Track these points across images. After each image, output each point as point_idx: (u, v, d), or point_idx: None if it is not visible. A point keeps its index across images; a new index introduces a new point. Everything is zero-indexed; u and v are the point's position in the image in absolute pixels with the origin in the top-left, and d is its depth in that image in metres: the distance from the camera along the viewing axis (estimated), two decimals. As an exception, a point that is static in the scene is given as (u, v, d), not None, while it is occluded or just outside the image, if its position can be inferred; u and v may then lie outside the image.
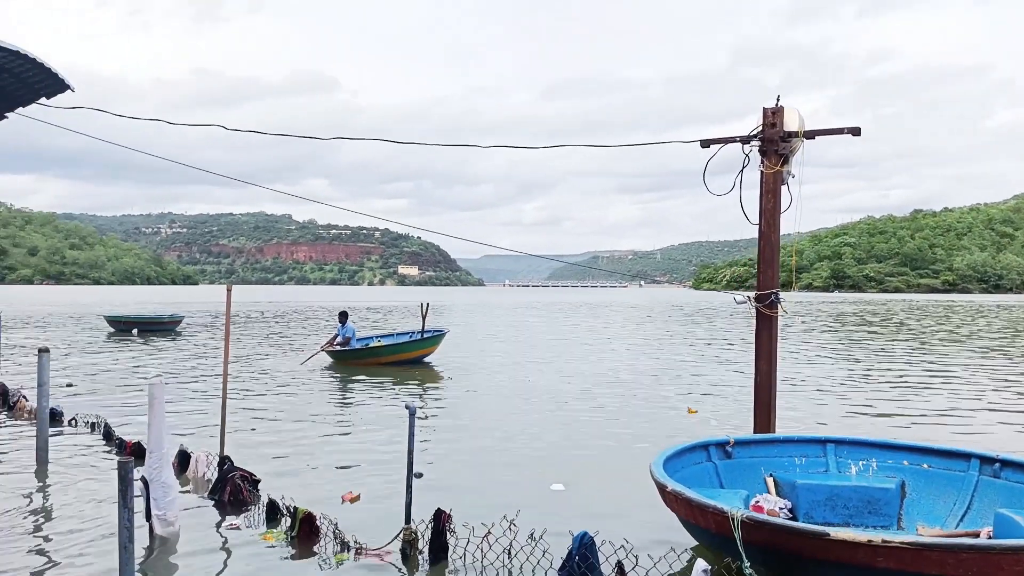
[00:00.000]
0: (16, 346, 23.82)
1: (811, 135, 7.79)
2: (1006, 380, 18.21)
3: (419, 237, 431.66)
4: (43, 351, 9.13)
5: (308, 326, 38.41)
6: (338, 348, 20.18)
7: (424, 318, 20.89)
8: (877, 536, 4.79)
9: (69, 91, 7.30)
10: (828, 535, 4.81)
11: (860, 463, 7.27)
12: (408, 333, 22.79)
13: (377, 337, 22.67)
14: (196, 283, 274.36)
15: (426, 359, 21.02)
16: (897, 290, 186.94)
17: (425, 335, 20.96)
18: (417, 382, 17.23)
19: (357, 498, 7.65)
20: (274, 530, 6.64)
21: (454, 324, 40.78)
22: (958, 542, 4.79)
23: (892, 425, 12.06)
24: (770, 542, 5.12)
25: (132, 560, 3.90)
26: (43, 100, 7.51)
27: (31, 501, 7.57)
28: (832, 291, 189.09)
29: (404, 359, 20.34)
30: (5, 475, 8.51)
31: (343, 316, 21.00)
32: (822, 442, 7.47)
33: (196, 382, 16.35)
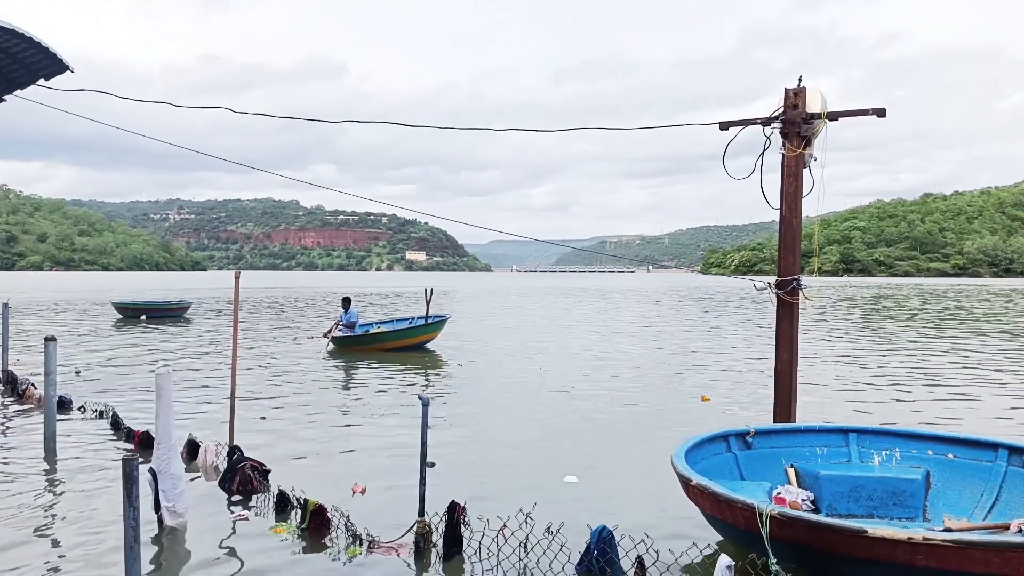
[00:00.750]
0: (26, 333, 23.81)
1: (834, 116, 7.56)
2: None
3: (426, 223, 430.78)
4: (50, 339, 9.01)
5: (316, 312, 38.34)
6: (342, 334, 20.12)
7: (428, 303, 20.86)
8: (918, 534, 4.59)
9: (68, 72, 7.09)
10: (866, 532, 4.62)
11: (883, 453, 7.08)
12: (408, 319, 22.88)
13: (377, 323, 22.65)
14: (205, 269, 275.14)
15: (430, 345, 21.07)
16: (907, 274, 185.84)
17: (429, 320, 20.93)
18: (426, 370, 17.11)
19: (364, 491, 7.53)
20: (284, 523, 6.51)
21: (462, 310, 40.68)
22: (1004, 540, 4.59)
23: (915, 413, 11.85)
24: (802, 539, 4.95)
25: (139, 560, 3.75)
26: (42, 82, 7.30)
27: (38, 491, 7.47)
28: (841, 275, 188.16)
29: (407, 344, 20.33)
30: (13, 464, 8.43)
31: (346, 302, 20.98)
32: (844, 432, 7.28)
33: (204, 369, 16.27)
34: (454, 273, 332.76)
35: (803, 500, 6.52)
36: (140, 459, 4.23)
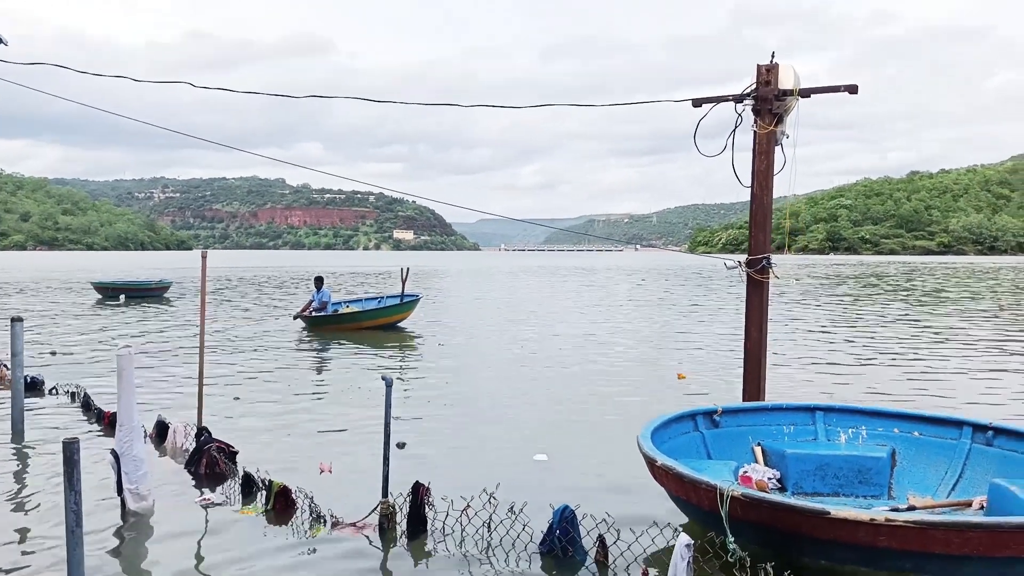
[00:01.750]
0: (3, 312, 23.57)
1: (806, 93, 7.49)
2: (999, 345, 18.11)
3: (414, 201, 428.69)
4: (16, 320, 8.91)
5: (303, 291, 38.16)
6: (314, 314, 20.05)
7: (404, 283, 20.82)
8: (880, 515, 4.58)
9: (2, 45, 6.89)
10: (828, 513, 4.62)
11: (849, 431, 7.10)
12: (377, 299, 22.90)
13: (345, 302, 22.56)
14: (190, 248, 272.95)
15: (408, 324, 21.12)
16: (892, 252, 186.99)
17: (403, 300, 20.94)
18: (405, 350, 17.08)
19: (331, 469, 7.50)
20: (250, 505, 6.47)
21: (448, 289, 40.63)
22: (964, 520, 4.61)
23: (882, 392, 11.90)
24: (766, 519, 4.94)
25: (81, 544, 3.71)
26: None
27: (1, 474, 7.39)
28: (827, 253, 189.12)
29: (381, 324, 20.33)
30: (-22, 447, 8.33)
31: (319, 281, 20.89)
32: (811, 410, 7.29)
33: (179, 349, 16.16)
34: (442, 252, 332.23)
35: (769, 479, 6.54)
36: (78, 442, 4.15)
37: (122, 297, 31.18)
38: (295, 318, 20.55)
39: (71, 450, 3.76)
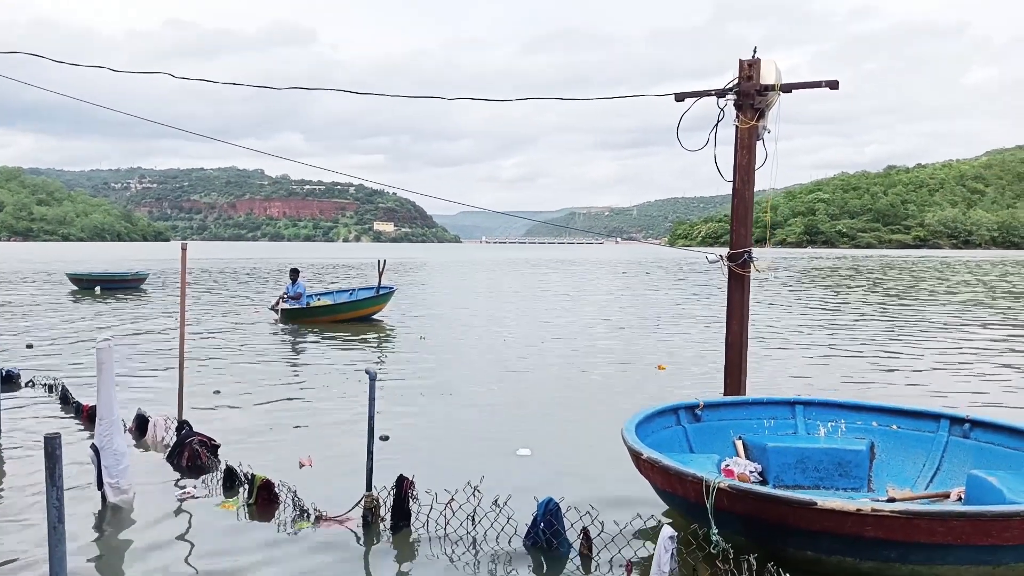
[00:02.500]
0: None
1: (788, 88, 7.54)
2: (975, 338, 18.38)
3: (394, 193, 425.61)
4: (-9, 313, 8.77)
5: (275, 284, 37.90)
6: (288, 306, 19.97)
7: (380, 275, 20.83)
8: (867, 505, 4.64)
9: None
10: (815, 504, 4.67)
11: (829, 424, 7.19)
12: (348, 291, 22.92)
13: (317, 295, 22.51)
14: (168, 239, 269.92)
15: (381, 316, 21.16)
16: (869, 246, 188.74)
17: (380, 291, 21.03)
18: (383, 343, 17.03)
19: (311, 463, 7.47)
20: (232, 499, 6.44)
21: (430, 282, 40.53)
22: (948, 510, 4.69)
23: (861, 385, 12.04)
24: (752, 511, 4.98)
25: (63, 540, 3.66)
26: None
27: (-21, 469, 7.30)
28: (805, 247, 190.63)
29: (356, 316, 20.37)
30: (-46, 441, 8.21)
31: (294, 273, 20.82)
32: (791, 403, 7.36)
33: (157, 342, 16.00)
34: (423, 244, 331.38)
35: (751, 472, 6.61)
36: (60, 437, 4.10)
37: (98, 289, 30.80)
38: (271, 309, 20.63)
39: (53, 445, 3.70)
